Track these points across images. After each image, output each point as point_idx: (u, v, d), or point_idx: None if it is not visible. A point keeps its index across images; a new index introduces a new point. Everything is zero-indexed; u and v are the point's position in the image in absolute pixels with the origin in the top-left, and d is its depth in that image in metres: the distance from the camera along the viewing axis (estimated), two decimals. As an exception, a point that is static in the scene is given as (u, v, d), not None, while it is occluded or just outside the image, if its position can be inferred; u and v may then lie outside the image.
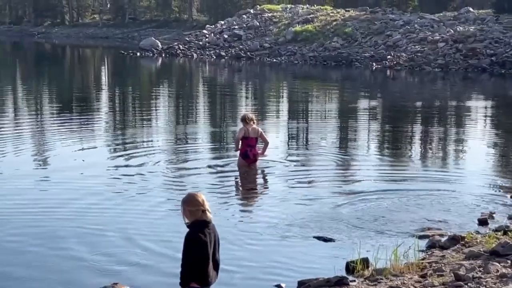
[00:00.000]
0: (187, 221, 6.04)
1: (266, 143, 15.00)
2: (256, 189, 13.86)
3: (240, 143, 14.75)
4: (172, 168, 15.08)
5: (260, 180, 14.49)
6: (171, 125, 22.25)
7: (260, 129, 15.05)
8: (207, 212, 6.01)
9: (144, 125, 22.32)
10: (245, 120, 14.72)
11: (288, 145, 19.13)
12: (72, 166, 14.89)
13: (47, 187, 13.17)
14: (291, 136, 20.96)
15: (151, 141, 19.08)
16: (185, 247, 5.98)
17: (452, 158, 17.17)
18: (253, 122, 14.79)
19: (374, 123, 23.85)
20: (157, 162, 15.46)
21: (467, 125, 23.16)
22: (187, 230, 6.04)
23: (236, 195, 13.47)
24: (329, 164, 15.72)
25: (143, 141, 18.86)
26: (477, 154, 17.27)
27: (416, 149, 18.89)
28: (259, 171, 14.81)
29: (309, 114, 26.48)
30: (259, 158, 14.98)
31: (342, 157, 16.85)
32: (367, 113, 26.59)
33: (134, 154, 16.39)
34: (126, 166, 15.10)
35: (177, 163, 15.64)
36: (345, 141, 19.96)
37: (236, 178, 14.59)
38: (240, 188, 14.17)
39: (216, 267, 6.19)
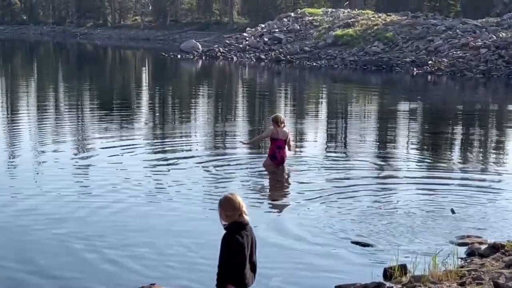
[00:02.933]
0: (224, 223, 6.07)
1: (289, 148, 15.11)
2: (289, 191, 13.70)
3: (270, 144, 14.90)
4: (206, 168, 15.18)
5: (293, 182, 14.37)
6: (209, 126, 22.36)
7: (289, 134, 15.13)
8: (244, 215, 6.02)
9: (182, 126, 22.50)
10: (276, 121, 14.81)
11: (325, 147, 19.11)
12: (110, 165, 15.08)
13: (85, 186, 13.33)
14: (328, 139, 20.96)
15: (189, 141, 19.28)
16: (222, 249, 6.01)
17: (493, 165, 16.96)
18: (284, 125, 14.85)
19: (414, 127, 23.70)
20: (195, 162, 15.64)
21: (509, 134, 22.85)
22: (224, 231, 6.06)
23: (269, 196, 13.39)
24: (367, 168, 15.66)
25: (181, 142, 19.05)
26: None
27: (456, 154, 18.71)
28: (291, 173, 14.78)
29: (347, 117, 26.42)
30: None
31: (380, 161, 16.77)
32: (407, 117, 26.42)
33: (173, 154, 16.63)
34: (165, 165, 15.31)
35: (209, 163, 15.67)
36: (383, 145, 19.85)
37: (266, 179, 14.59)
38: (273, 189, 14.02)
39: (253, 269, 6.21)
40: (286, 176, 14.70)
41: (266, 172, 14.85)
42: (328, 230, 10.69)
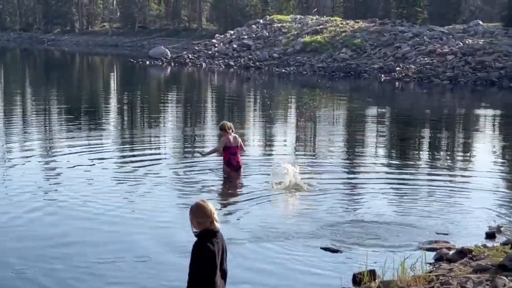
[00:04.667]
0: (195, 230, 6.05)
1: (243, 151, 15.53)
2: (257, 196, 13.45)
3: (223, 152, 15.11)
4: (175, 173, 15.23)
5: (259, 187, 14.21)
6: (177, 132, 22.33)
7: (239, 138, 15.36)
8: (215, 222, 6.01)
9: (150, 132, 22.43)
10: (225, 129, 15.07)
11: (293, 152, 19.17)
12: (77, 172, 14.99)
13: (50, 192, 13.22)
14: (296, 144, 21.00)
15: (157, 147, 19.27)
16: (193, 257, 5.98)
17: (460, 170, 17.11)
18: (232, 131, 15.11)
19: (382, 133, 23.89)
20: (162, 168, 15.65)
21: (475, 138, 23.11)
22: (195, 239, 6.04)
23: (235, 202, 13.15)
24: (335, 173, 15.71)
25: (149, 148, 19.01)
26: (485, 167, 17.20)
27: (424, 160, 18.82)
28: (260, 179, 14.79)
29: (316, 123, 26.48)
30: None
31: (349, 166, 16.88)
32: (375, 122, 26.62)
33: (140, 160, 16.51)
34: (132, 171, 15.26)
35: (177, 169, 15.71)
36: (351, 150, 19.97)
37: (230, 185, 14.57)
38: (238, 195, 13.81)
39: (224, 277, 6.20)
40: (251, 181, 14.67)
41: (228, 178, 14.89)
42: (297, 236, 10.69)
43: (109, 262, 9.40)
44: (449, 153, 20.46)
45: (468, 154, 20.10)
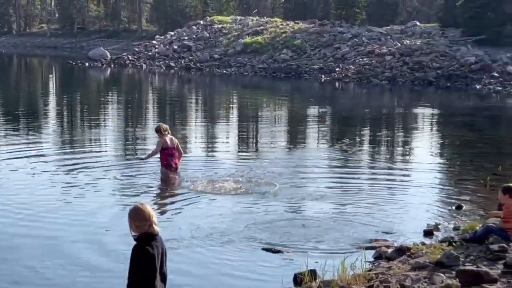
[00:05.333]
0: (134, 234, 5.99)
1: (180, 154, 15.47)
2: (198, 198, 13.38)
3: (160, 154, 15.08)
4: (113, 175, 15.05)
5: (200, 188, 14.12)
6: (117, 134, 22.11)
7: (176, 140, 15.40)
8: (154, 225, 5.96)
9: (89, 134, 22.17)
10: (160, 131, 15.10)
11: (234, 152, 19.21)
12: (14, 176, 14.70)
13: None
14: (238, 144, 21.06)
15: (94, 150, 18.95)
16: (132, 261, 5.91)
17: (398, 169, 17.33)
18: (168, 132, 15.15)
19: (323, 132, 24.09)
20: (100, 173, 15.36)
21: (413, 137, 23.49)
22: (134, 243, 5.98)
23: (174, 206, 13.00)
24: (275, 173, 15.70)
25: (87, 150, 18.72)
26: (423, 165, 17.50)
27: (364, 159, 18.98)
28: (200, 181, 14.74)
29: (257, 122, 26.59)
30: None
31: (290, 165, 16.94)
32: (316, 122, 26.84)
33: (78, 163, 16.24)
34: (71, 175, 15.01)
35: (116, 171, 15.55)
36: (292, 150, 20.06)
37: (168, 188, 14.45)
38: (178, 197, 13.66)
39: (164, 280, 6.15)
40: (190, 183, 14.61)
41: (166, 180, 14.82)
42: (238, 238, 10.68)
43: (44, 268, 9.24)
44: (388, 151, 20.74)
45: (407, 152, 20.42)
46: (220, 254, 9.97)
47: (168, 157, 15.04)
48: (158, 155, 15.20)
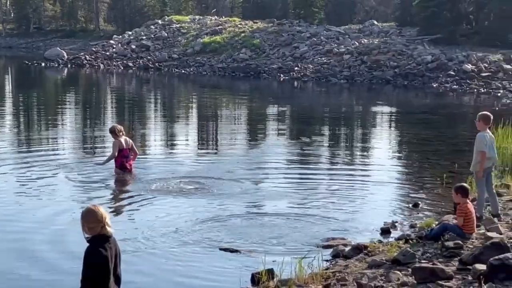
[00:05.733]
0: (87, 235, 5.92)
1: (135, 154, 15.46)
2: (154, 199, 13.21)
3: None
4: (64, 180, 14.79)
5: (156, 189, 13.97)
6: (74, 135, 21.86)
7: (130, 140, 15.38)
8: (107, 226, 5.89)
9: (45, 136, 21.84)
10: (115, 132, 15.06)
11: (192, 153, 19.13)
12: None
13: None
14: (197, 143, 21.02)
15: (50, 152, 18.62)
16: (85, 263, 5.86)
17: (356, 168, 17.42)
18: (123, 134, 15.14)
19: (282, 131, 24.16)
20: (54, 175, 15.16)
21: (371, 135, 23.68)
22: (88, 244, 5.91)
23: (130, 207, 12.76)
24: (234, 173, 15.67)
25: (43, 152, 18.37)
26: (380, 164, 17.63)
27: (323, 157, 19.07)
28: (157, 181, 14.62)
29: (216, 123, 26.56)
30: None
31: (247, 165, 16.92)
32: (275, 121, 26.89)
33: (33, 166, 16.00)
34: (25, 177, 14.79)
35: (70, 174, 15.24)
36: (251, 149, 20.07)
37: (123, 189, 14.27)
38: (133, 198, 13.40)
39: (118, 282, 6.09)
40: (146, 183, 14.48)
41: (121, 181, 14.72)
42: (195, 237, 10.61)
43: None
44: (346, 150, 20.85)
45: (365, 150, 20.55)
46: (176, 255, 9.90)
47: (123, 158, 14.97)
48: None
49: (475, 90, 40.61)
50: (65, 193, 13.54)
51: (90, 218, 5.89)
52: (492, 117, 11.42)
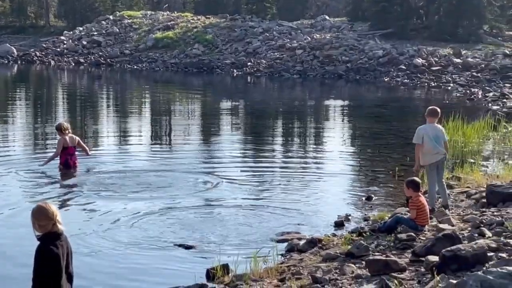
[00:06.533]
0: (37, 233, 5.83)
1: (85, 150, 15.52)
2: (104, 197, 12.95)
3: (60, 153, 14.96)
4: (17, 173, 14.64)
5: (106, 185, 13.82)
6: (20, 133, 21.51)
7: (77, 137, 15.35)
8: (58, 224, 5.81)
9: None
10: (61, 129, 15.03)
11: (144, 148, 19.04)
12: None
13: None
14: (148, 139, 20.90)
15: (4, 149, 18.33)
16: (36, 261, 5.78)
17: (309, 161, 17.53)
18: (68, 131, 15.08)
19: (236, 125, 24.18)
20: (3, 170, 14.95)
21: (323, 129, 23.85)
22: (38, 243, 5.82)
23: (80, 203, 12.54)
24: (187, 170, 15.54)
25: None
26: (333, 158, 17.76)
27: (277, 151, 19.12)
28: (106, 177, 14.49)
29: (169, 118, 26.46)
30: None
31: (201, 159, 16.91)
32: (229, 115, 26.90)
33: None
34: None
35: (16, 173, 14.94)
36: (204, 143, 20.05)
37: (70, 188, 13.96)
38: (85, 195, 13.10)
39: (70, 280, 6.02)
40: (95, 179, 14.31)
41: (65, 178, 14.57)
42: (147, 234, 10.54)
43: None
44: (299, 144, 20.95)
45: (318, 144, 20.69)
46: (129, 251, 9.81)
47: (67, 156, 14.95)
48: None
49: (426, 84, 41.11)
50: (12, 189, 13.31)
51: (41, 216, 5.81)
52: (438, 111, 11.57)
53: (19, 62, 56.01)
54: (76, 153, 15.31)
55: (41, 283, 5.78)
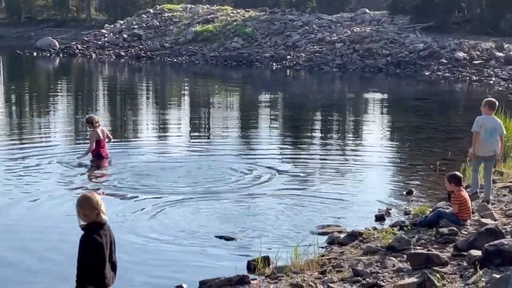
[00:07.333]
0: (82, 223, 5.93)
1: (110, 139, 15.73)
2: (145, 189, 13.03)
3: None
4: (54, 168, 14.75)
5: (147, 179, 13.86)
6: (68, 124, 21.81)
7: (105, 129, 15.70)
8: (102, 214, 5.90)
9: (36, 125, 21.82)
10: (92, 123, 15.34)
11: (184, 142, 19.12)
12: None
13: None
14: (190, 133, 21.01)
15: (41, 141, 18.55)
16: (80, 250, 5.89)
17: (348, 154, 17.50)
18: (99, 124, 15.43)
19: (273, 119, 24.17)
20: (42, 164, 15.11)
21: (364, 123, 23.71)
22: (82, 232, 5.92)
23: (121, 196, 12.61)
24: (228, 162, 15.62)
25: (36, 141, 18.35)
26: (373, 151, 17.68)
27: (314, 146, 19.07)
28: (146, 170, 14.59)
29: (208, 111, 26.56)
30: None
31: (241, 152, 16.94)
32: (267, 109, 26.90)
33: (24, 156, 15.91)
34: (15, 166, 14.76)
35: (57, 163, 15.18)
36: (246, 137, 20.09)
37: (106, 179, 14.11)
38: (124, 187, 13.19)
39: (114, 269, 6.11)
40: (136, 172, 14.42)
41: (100, 169, 14.82)
42: (191, 226, 10.63)
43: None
44: (339, 138, 20.86)
45: (358, 138, 20.62)
46: (172, 243, 9.91)
47: (100, 148, 15.27)
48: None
49: (467, 78, 40.59)
50: (52, 179, 13.53)
51: (86, 205, 5.91)
52: (496, 102, 11.58)
53: (61, 55, 56.62)
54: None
55: (86, 272, 5.88)
